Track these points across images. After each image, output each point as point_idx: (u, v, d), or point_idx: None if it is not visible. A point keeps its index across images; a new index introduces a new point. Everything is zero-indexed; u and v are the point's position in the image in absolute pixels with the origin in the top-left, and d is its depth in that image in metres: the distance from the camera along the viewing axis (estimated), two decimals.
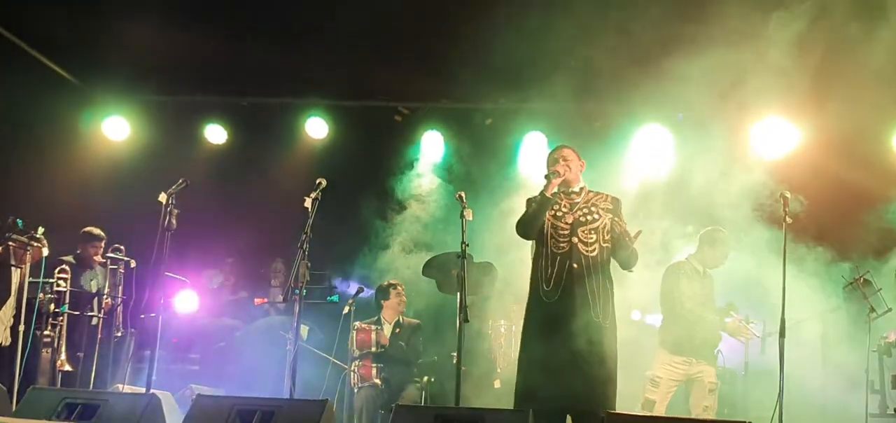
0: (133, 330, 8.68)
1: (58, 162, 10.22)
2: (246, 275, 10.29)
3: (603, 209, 6.16)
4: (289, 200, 8.87)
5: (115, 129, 10.95)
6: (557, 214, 6.14)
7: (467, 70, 8.70)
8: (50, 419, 5.38)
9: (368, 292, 8.73)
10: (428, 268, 8.29)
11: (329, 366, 8.03)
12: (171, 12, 8.61)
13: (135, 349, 8.79)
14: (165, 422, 5.58)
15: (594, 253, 6.02)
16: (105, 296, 8.61)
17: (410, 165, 10.35)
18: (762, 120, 9.25)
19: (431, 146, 10.60)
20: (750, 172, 7.76)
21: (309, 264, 6.33)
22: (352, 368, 8.08)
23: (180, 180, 6.56)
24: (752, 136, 9.28)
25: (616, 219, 6.12)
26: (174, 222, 6.42)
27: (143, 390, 6.57)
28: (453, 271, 7.06)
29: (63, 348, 8.16)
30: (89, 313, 8.50)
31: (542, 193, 6.04)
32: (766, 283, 6.79)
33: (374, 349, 8.12)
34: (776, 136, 9.21)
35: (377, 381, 8.01)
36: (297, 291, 6.33)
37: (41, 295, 8.03)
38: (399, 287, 8.53)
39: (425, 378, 8.24)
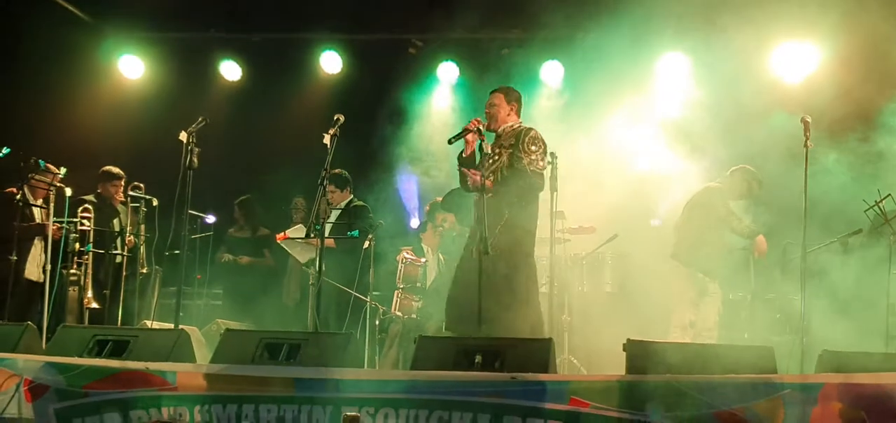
0: (157, 268, 8.77)
1: (75, 102, 10.25)
2: (267, 212, 10.33)
3: (505, 146, 6.40)
4: (306, 135, 8.92)
5: (130, 67, 10.96)
6: (485, 160, 6.37)
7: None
8: (81, 356, 5.47)
9: None
10: (447, 200, 8.33)
11: (351, 300, 8.09)
12: None
13: (160, 286, 8.90)
14: (195, 357, 5.67)
15: (489, 194, 6.22)
16: (128, 234, 8.68)
17: (426, 98, 10.34)
18: (781, 44, 9.19)
19: (447, 78, 10.58)
20: (770, 98, 7.75)
21: (330, 200, 6.37)
22: (396, 297, 8.21)
23: (200, 118, 6.55)
24: (772, 61, 9.23)
25: (517, 152, 6.36)
26: (195, 160, 6.44)
27: (171, 326, 6.69)
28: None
29: (89, 287, 8.26)
30: (113, 252, 8.58)
31: (459, 157, 6.46)
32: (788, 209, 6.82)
33: (418, 284, 8.24)
34: (796, 59, 9.17)
35: (414, 315, 8.13)
36: (319, 226, 6.37)
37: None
38: (438, 218, 8.59)
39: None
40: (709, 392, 4.57)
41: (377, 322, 8.15)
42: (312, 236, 6.58)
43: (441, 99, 10.63)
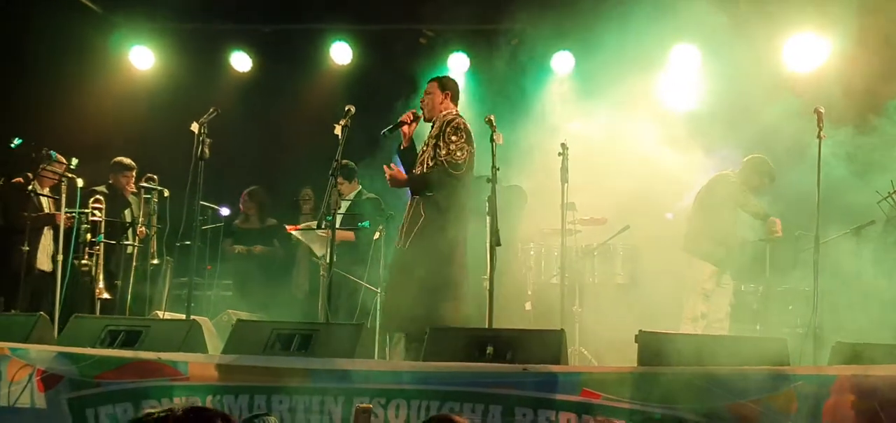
0: (169, 258, 8.79)
1: (86, 93, 10.27)
2: (275, 202, 10.34)
3: (433, 137, 6.42)
4: (316, 126, 8.93)
5: (141, 58, 10.97)
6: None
7: None
8: (93, 346, 5.49)
9: None
10: None
11: (362, 290, 8.09)
12: None
13: (171, 277, 8.92)
14: (206, 347, 5.69)
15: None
16: (139, 224, 8.70)
17: None
18: (793, 36, 9.15)
19: (457, 69, 10.56)
20: (782, 89, 7.73)
21: (340, 192, 6.38)
22: None
23: (211, 109, 6.58)
24: (783, 52, 9.20)
25: (439, 142, 6.38)
26: (207, 150, 6.46)
27: (183, 316, 6.70)
28: (483, 196, 7.08)
29: (101, 277, 8.29)
30: (125, 242, 8.60)
31: (397, 149, 6.62)
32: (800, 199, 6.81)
33: None
34: (808, 50, 9.13)
35: None
36: (330, 217, 6.37)
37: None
38: None
39: None
40: (721, 384, 4.57)
41: None
42: (323, 226, 6.58)
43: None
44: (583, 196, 7.67)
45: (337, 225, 6.33)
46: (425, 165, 6.42)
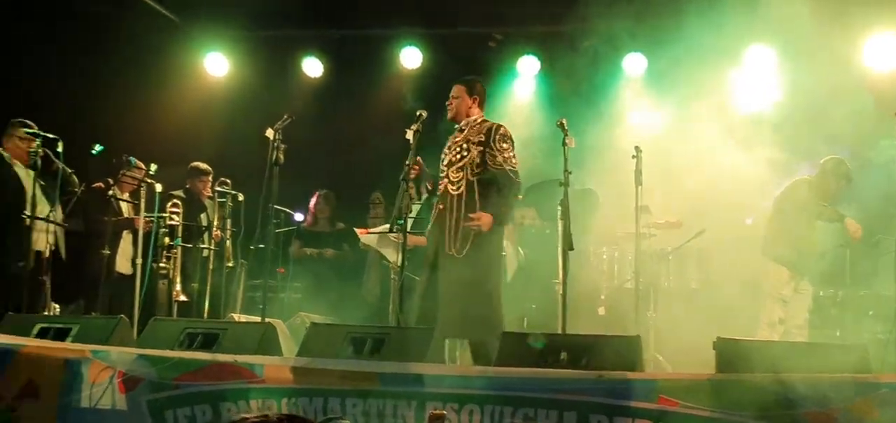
0: (243, 261, 8.94)
1: (163, 100, 10.49)
2: (345, 207, 10.43)
3: (474, 143, 6.33)
4: (386, 130, 8.98)
5: (216, 65, 11.18)
6: (441, 155, 6.48)
7: None
8: (172, 349, 5.59)
9: None
10: (529, 195, 8.28)
11: None
12: None
13: (245, 280, 9.07)
14: (281, 349, 5.75)
15: (459, 191, 6.29)
16: (215, 228, 8.86)
17: (506, 91, 10.30)
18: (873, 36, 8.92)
19: (527, 71, 10.53)
20: (861, 90, 7.54)
21: (412, 196, 6.40)
22: None
23: (285, 116, 6.68)
24: (863, 52, 8.96)
25: (489, 149, 6.30)
26: (281, 156, 6.56)
27: (257, 319, 6.80)
28: (555, 200, 7.05)
29: (178, 280, 8.47)
30: (201, 246, 8.77)
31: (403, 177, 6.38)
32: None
33: (507, 279, 8.23)
34: (888, 50, 8.90)
35: None
36: (402, 221, 6.40)
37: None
38: (517, 214, 8.58)
39: (528, 305, 8.28)
40: (801, 392, 4.45)
41: None
42: (395, 230, 6.62)
43: (522, 92, 10.58)
44: (657, 199, 7.57)
45: (408, 229, 6.35)
46: (469, 172, 6.38)
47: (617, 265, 8.30)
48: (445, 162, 6.51)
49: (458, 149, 6.47)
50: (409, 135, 6.40)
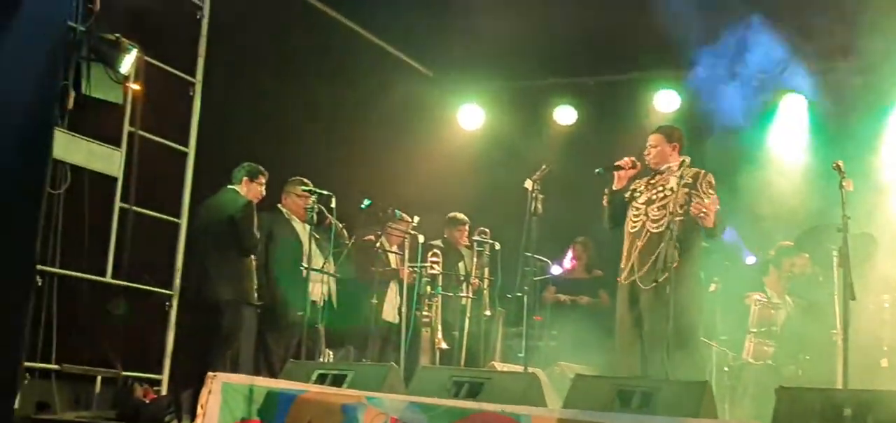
0: (500, 309, 9.07)
1: (422, 152, 10.90)
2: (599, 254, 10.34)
3: (680, 184, 6.29)
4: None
5: (469, 116, 11.51)
6: (635, 194, 6.66)
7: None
8: (440, 396, 5.73)
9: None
10: (800, 240, 7.89)
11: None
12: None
13: (503, 328, 9.20)
14: (545, 400, 5.75)
15: (659, 229, 6.31)
16: (472, 277, 9.06)
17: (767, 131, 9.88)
18: None
19: (791, 110, 10.04)
20: None
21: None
22: (748, 341, 7.94)
23: (543, 166, 6.77)
24: None
25: (695, 191, 6.28)
26: (539, 206, 6.63)
27: (517, 367, 6.85)
28: (831, 245, 6.64)
29: (439, 328, 8.72)
30: (459, 294, 8.99)
31: (609, 188, 6.80)
32: None
33: (774, 328, 7.91)
34: None
35: (769, 361, 7.78)
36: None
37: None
38: (786, 262, 8.23)
39: (801, 356, 7.83)
40: None
41: (726, 369, 7.84)
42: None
43: (787, 131, 10.10)
44: None
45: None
46: (670, 208, 6.38)
47: None
48: (642, 200, 6.60)
49: (659, 188, 6.55)
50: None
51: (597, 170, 6.75)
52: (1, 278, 5.24)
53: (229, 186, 7.75)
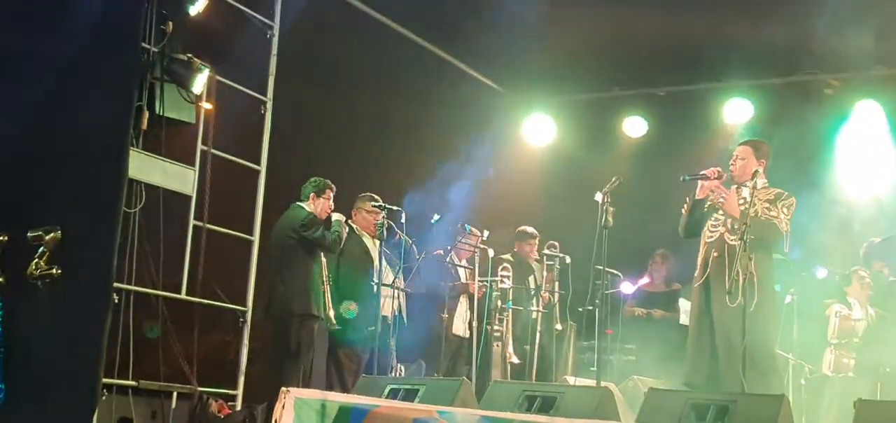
0: (572, 323, 9.00)
1: (490, 166, 10.88)
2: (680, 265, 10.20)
3: (761, 199, 6.21)
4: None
5: (540, 130, 11.47)
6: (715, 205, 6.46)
7: None
8: (512, 411, 5.69)
9: None
10: (880, 248, 7.70)
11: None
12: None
13: (575, 341, 9.12)
14: (618, 415, 5.66)
15: (737, 240, 6.13)
16: (543, 291, 9.01)
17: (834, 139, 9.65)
18: None
19: (865, 116, 9.78)
20: None
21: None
22: (828, 353, 7.78)
23: (614, 178, 6.73)
24: None
25: (774, 206, 6.23)
26: (610, 219, 6.59)
27: (589, 381, 6.78)
28: None
29: (510, 341, 8.70)
30: (530, 308, 8.95)
31: (691, 196, 6.57)
32: None
33: (855, 340, 7.72)
34: None
35: (850, 373, 7.60)
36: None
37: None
38: (860, 271, 8.01)
39: (881, 369, 7.61)
40: None
41: (803, 382, 7.64)
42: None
43: (857, 138, 9.86)
44: None
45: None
46: (748, 224, 6.19)
47: None
48: (722, 211, 6.45)
49: (741, 200, 6.39)
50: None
51: (683, 177, 6.60)
52: (80, 295, 5.41)
53: (296, 203, 7.84)
